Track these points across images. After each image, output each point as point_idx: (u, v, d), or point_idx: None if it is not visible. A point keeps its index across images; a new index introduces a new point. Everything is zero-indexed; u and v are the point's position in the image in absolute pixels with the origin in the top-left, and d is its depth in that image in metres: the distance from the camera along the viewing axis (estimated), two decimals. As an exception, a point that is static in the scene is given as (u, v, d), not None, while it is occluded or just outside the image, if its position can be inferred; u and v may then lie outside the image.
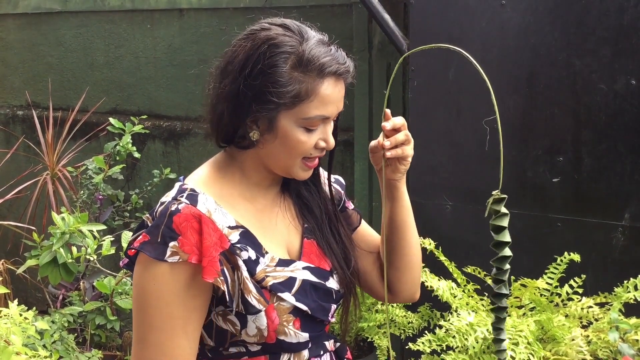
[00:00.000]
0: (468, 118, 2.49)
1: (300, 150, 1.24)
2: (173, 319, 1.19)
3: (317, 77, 1.20)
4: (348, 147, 3.25)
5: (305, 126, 1.23)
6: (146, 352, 1.20)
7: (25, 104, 4.39)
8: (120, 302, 2.78)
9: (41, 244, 2.78)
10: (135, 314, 1.22)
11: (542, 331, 1.96)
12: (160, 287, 1.18)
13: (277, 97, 1.19)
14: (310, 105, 1.21)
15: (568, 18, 2.28)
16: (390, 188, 1.36)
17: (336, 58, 1.22)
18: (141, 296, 1.20)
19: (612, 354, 1.85)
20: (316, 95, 1.21)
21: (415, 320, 2.29)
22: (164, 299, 1.18)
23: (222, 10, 3.58)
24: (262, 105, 1.21)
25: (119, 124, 3.46)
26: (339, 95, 1.24)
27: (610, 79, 2.24)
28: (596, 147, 2.30)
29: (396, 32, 2.72)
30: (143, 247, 1.18)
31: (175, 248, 1.17)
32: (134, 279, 1.23)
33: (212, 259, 1.17)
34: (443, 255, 2.21)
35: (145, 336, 1.20)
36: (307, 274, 1.30)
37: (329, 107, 1.23)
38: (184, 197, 1.22)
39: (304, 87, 1.20)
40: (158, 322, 1.19)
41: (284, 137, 1.23)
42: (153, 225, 1.20)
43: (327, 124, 1.26)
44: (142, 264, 1.20)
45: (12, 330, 2.00)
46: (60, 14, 4.13)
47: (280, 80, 1.19)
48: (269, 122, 1.23)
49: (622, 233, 2.27)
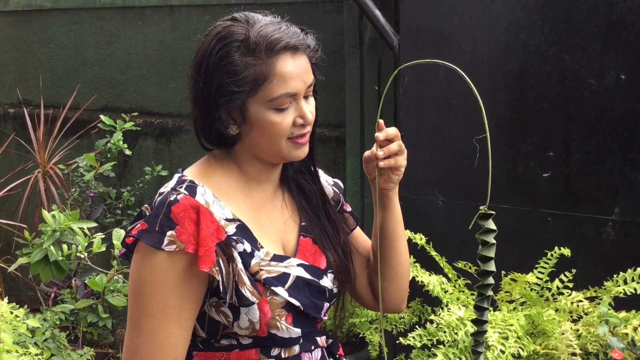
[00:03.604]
0: (459, 114, 2.49)
1: (279, 132, 1.24)
2: (168, 307, 1.20)
3: (270, 56, 1.21)
4: (340, 143, 3.25)
5: (274, 107, 1.23)
6: (139, 338, 1.21)
7: (16, 101, 4.37)
8: (112, 300, 2.78)
9: (32, 242, 2.78)
10: (131, 301, 1.23)
11: (532, 325, 1.97)
12: (157, 275, 1.19)
13: (237, 86, 1.21)
14: (271, 85, 1.21)
15: (557, 13, 2.29)
16: (382, 198, 1.37)
17: (286, 33, 1.23)
18: (138, 284, 1.21)
19: (601, 348, 1.86)
20: (274, 75, 1.21)
21: (407, 315, 2.29)
22: (160, 287, 1.19)
23: (213, 7, 3.58)
24: (226, 97, 1.22)
25: (110, 121, 3.46)
26: (300, 70, 1.24)
27: (599, 74, 2.24)
28: (586, 142, 2.30)
29: (387, 28, 2.73)
30: (141, 235, 1.19)
31: (173, 237, 1.17)
32: (132, 266, 1.23)
33: (208, 249, 1.18)
34: (434, 251, 2.21)
35: (139, 323, 1.21)
36: (301, 270, 1.30)
37: (291, 83, 1.23)
38: (182, 188, 1.23)
39: (259, 70, 1.20)
40: (153, 309, 1.20)
41: (258, 124, 1.24)
42: (151, 215, 1.20)
43: (299, 100, 1.26)
44: (140, 252, 1.21)
45: (2, 328, 2.00)
46: (51, 11, 4.12)
47: (234, 69, 1.20)
48: (241, 113, 1.24)
49: (612, 227, 2.28)
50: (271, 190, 1.37)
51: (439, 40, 2.51)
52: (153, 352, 1.20)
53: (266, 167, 1.32)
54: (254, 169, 1.32)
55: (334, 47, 3.23)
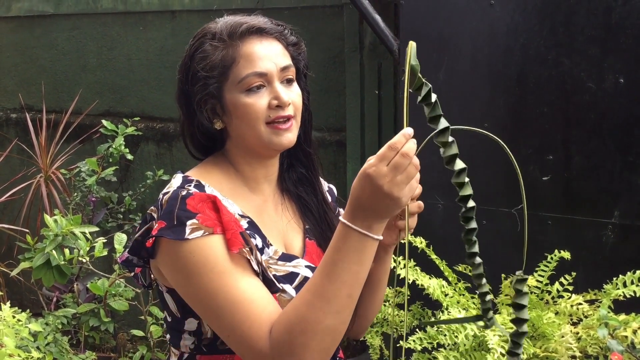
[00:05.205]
0: (458, 118, 2.50)
1: (254, 115, 1.25)
2: (226, 274, 1.16)
3: (235, 40, 1.26)
4: (340, 147, 3.26)
5: (245, 89, 1.25)
6: (225, 319, 1.15)
7: (18, 106, 4.39)
8: (114, 304, 2.79)
9: (35, 247, 2.79)
10: (191, 296, 1.19)
11: (532, 328, 1.98)
12: (199, 258, 1.16)
13: (207, 71, 1.25)
14: (239, 67, 1.25)
15: (556, 17, 2.30)
16: (379, 251, 1.27)
17: (251, 19, 1.28)
18: (186, 275, 1.17)
19: (601, 351, 1.86)
20: (240, 56, 1.25)
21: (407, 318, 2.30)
22: (209, 265, 1.16)
23: (214, 12, 3.59)
24: (200, 84, 1.26)
25: (111, 126, 3.47)
26: (268, 51, 1.26)
27: (598, 78, 2.25)
28: (586, 145, 2.31)
29: (387, 33, 2.74)
30: (163, 233, 1.17)
31: (196, 225, 1.16)
32: (169, 268, 1.20)
33: (234, 232, 1.18)
34: (434, 254, 2.22)
35: (213, 310, 1.16)
36: (309, 272, 1.31)
37: (259, 63, 1.25)
38: (191, 186, 1.24)
39: (226, 53, 1.25)
40: (214, 287, 1.15)
41: (234, 109, 1.26)
42: (165, 212, 1.19)
43: (272, 82, 1.26)
44: (169, 250, 1.18)
45: (4, 332, 2.00)
46: (53, 16, 4.13)
47: (204, 55, 1.26)
48: (220, 104, 1.27)
49: (612, 231, 2.28)
50: (270, 191, 1.38)
51: (439, 45, 2.52)
52: (245, 313, 1.14)
53: (260, 162, 1.33)
54: (249, 166, 1.33)
55: (334, 51, 3.24)
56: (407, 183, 1.09)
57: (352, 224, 1.10)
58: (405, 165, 1.08)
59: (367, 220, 1.10)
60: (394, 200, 1.08)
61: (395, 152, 1.08)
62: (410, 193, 1.10)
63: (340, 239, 1.12)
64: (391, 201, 1.08)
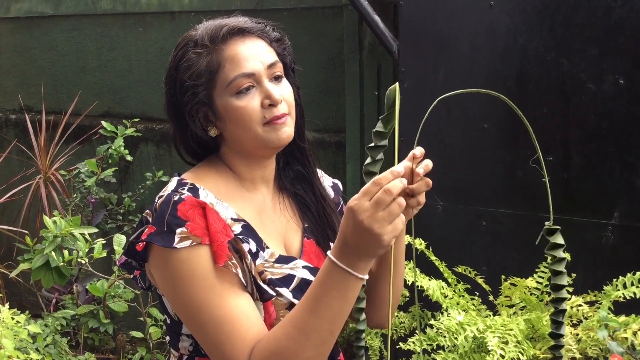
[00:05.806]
0: (458, 118, 2.50)
1: (248, 117, 1.24)
2: (215, 289, 1.17)
3: (218, 44, 1.25)
4: (340, 148, 3.25)
5: (235, 92, 1.24)
6: (208, 335, 1.17)
7: (17, 107, 4.38)
8: (113, 305, 2.78)
9: (34, 248, 2.79)
10: (178, 306, 1.21)
11: (532, 330, 1.97)
12: (187, 269, 1.17)
13: (194, 80, 1.24)
14: (225, 70, 1.24)
15: (556, 18, 2.29)
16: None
17: (230, 21, 1.28)
18: (173, 285, 1.19)
19: (601, 352, 1.86)
20: (225, 59, 1.24)
21: (407, 320, 2.30)
22: (197, 277, 1.17)
23: (213, 13, 3.57)
24: (189, 93, 1.25)
25: (111, 127, 3.47)
26: (252, 50, 1.25)
27: (598, 79, 2.25)
28: (585, 146, 2.31)
29: (386, 34, 2.74)
30: (152, 238, 1.18)
31: (185, 234, 1.17)
32: (159, 274, 1.22)
33: (220, 244, 1.18)
34: (434, 255, 2.22)
35: (198, 321, 1.18)
36: (306, 273, 1.31)
37: (245, 63, 1.24)
38: (185, 189, 1.24)
39: (210, 59, 1.24)
40: (201, 300, 1.16)
41: (227, 113, 1.25)
42: (157, 216, 1.19)
43: (261, 81, 1.25)
44: (159, 256, 1.20)
45: (3, 334, 2.00)
46: (52, 17, 4.13)
47: (189, 64, 1.25)
48: (211, 110, 1.26)
49: (612, 232, 2.28)
50: (267, 191, 1.37)
51: (438, 46, 2.52)
52: (228, 334, 1.16)
53: (257, 163, 1.33)
54: (245, 168, 1.32)
55: (333, 52, 3.24)
56: (389, 221, 1.04)
57: (336, 260, 1.10)
58: (387, 202, 1.04)
59: (351, 258, 1.09)
60: (374, 237, 1.05)
61: (379, 188, 1.04)
62: (393, 232, 1.05)
63: (325, 274, 1.11)
64: (372, 238, 1.05)
